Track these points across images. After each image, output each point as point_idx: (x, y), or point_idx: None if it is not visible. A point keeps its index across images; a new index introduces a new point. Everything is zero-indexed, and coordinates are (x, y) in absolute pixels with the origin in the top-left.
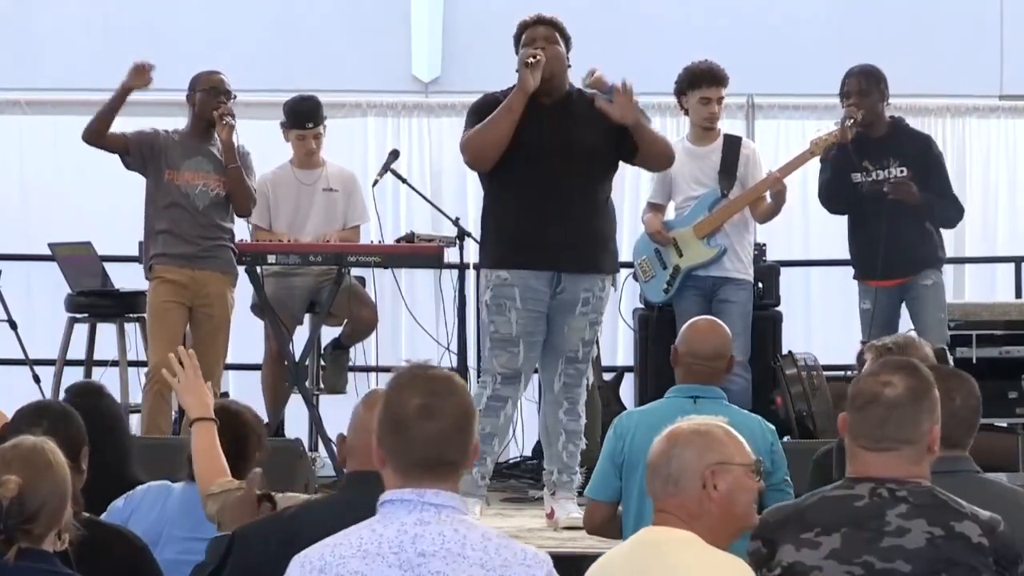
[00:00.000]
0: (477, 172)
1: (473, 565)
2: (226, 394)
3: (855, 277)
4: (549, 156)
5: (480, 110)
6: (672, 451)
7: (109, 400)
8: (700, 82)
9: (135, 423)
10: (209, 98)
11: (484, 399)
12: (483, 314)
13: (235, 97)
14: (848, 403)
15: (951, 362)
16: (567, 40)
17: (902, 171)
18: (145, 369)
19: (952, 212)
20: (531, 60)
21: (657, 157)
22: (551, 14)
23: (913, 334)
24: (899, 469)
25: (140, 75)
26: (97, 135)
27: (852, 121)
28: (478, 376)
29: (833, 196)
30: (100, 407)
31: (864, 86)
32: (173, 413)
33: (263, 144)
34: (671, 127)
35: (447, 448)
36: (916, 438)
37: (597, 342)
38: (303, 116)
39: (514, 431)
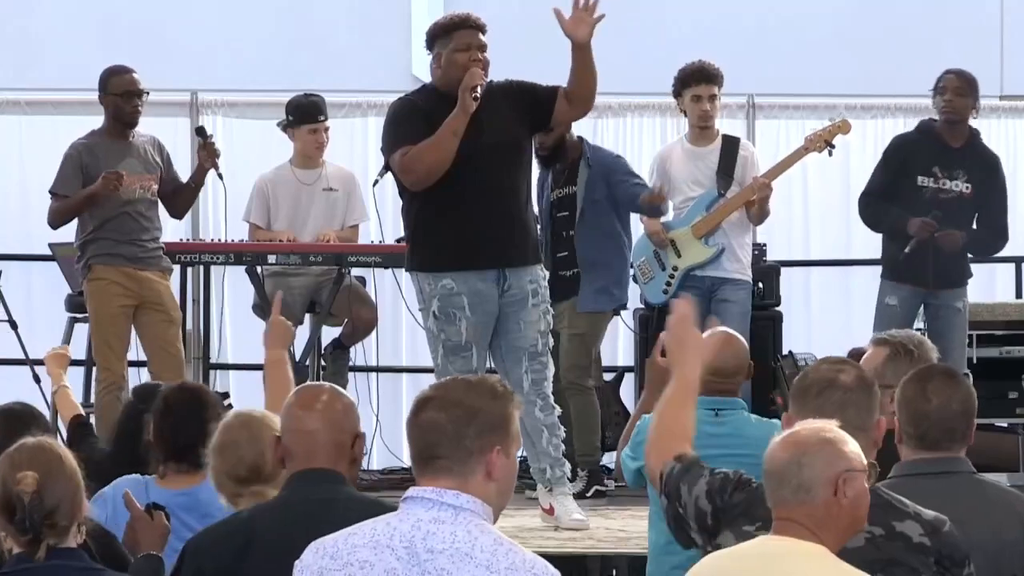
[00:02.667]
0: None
1: (479, 567)
2: (226, 395)
3: (884, 277)
4: (478, 154)
5: (403, 122)
6: (802, 459)
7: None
8: (691, 81)
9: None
10: (125, 102)
11: None
12: (429, 321)
13: (148, 94)
14: (799, 396)
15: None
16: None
17: (967, 188)
18: (148, 372)
19: (995, 243)
20: (475, 95)
21: (588, 89)
22: (476, 14)
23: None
24: None
25: (112, 187)
26: (61, 225)
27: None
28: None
29: (890, 196)
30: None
31: (961, 87)
32: None
33: (263, 144)
34: (671, 127)
35: (437, 442)
36: (868, 426)
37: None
38: (315, 109)
39: None
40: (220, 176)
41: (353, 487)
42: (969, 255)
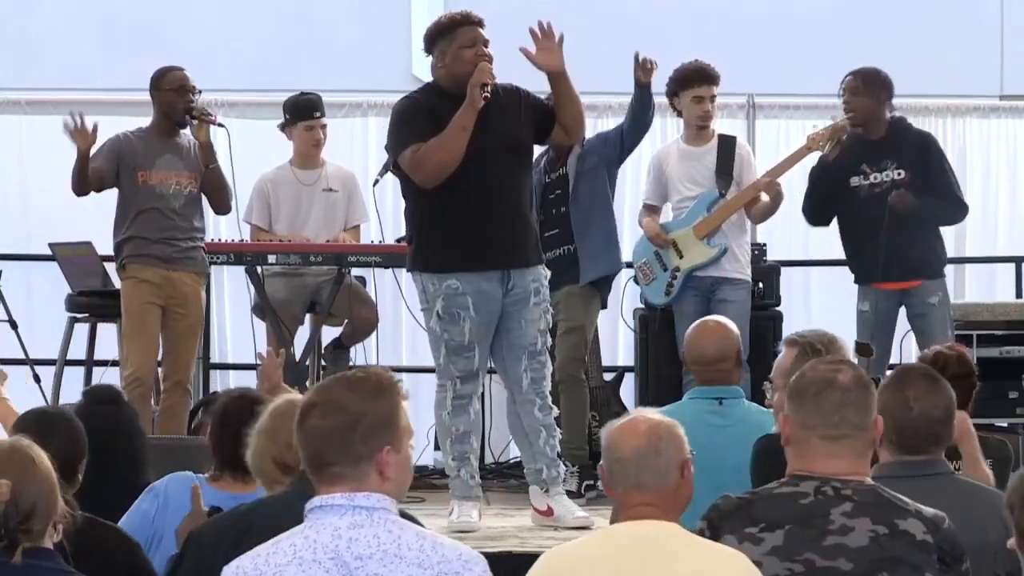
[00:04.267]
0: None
1: (411, 565)
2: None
3: (856, 281)
4: (482, 154)
5: (409, 120)
6: (659, 445)
7: (128, 408)
8: (691, 81)
9: None
10: (178, 97)
11: (449, 401)
12: (432, 322)
13: (200, 92)
14: (796, 396)
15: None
16: None
17: (900, 173)
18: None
19: (954, 211)
20: (486, 93)
21: (575, 117)
22: (479, 14)
23: (833, 333)
24: (847, 464)
25: (82, 136)
26: (84, 192)
27: (834, 142)
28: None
29: (819, 205)
30: (119, 415)
31: (856, 85)
32: (153, 414)
33: (263, 144)
34: (670, 127)
35: (325, 449)
36: (867, 425)
37: (597, 342)
38: (311, 106)
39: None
40: (220, 125)
41: None
42: (940, 242)
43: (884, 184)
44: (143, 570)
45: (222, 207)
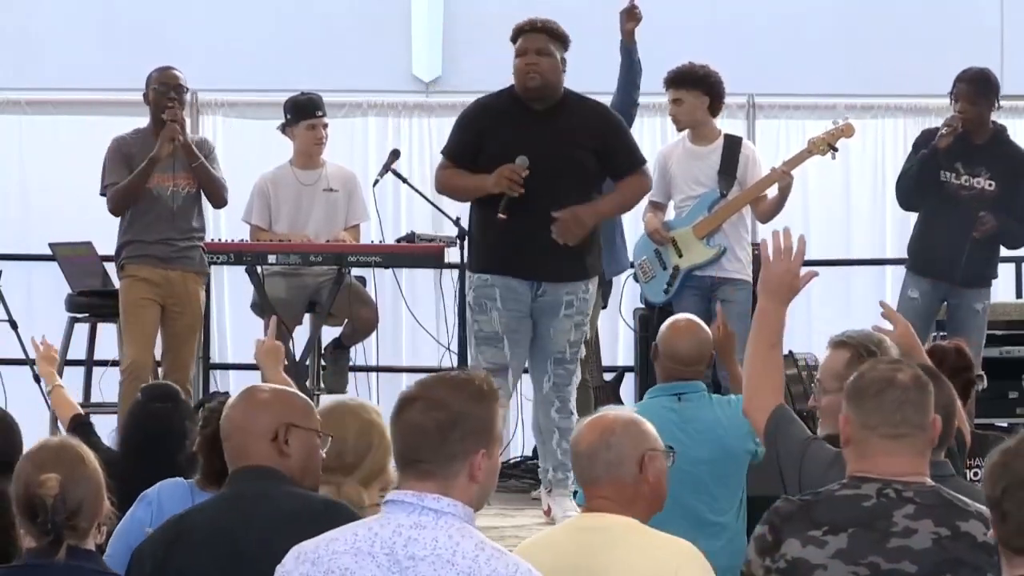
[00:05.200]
0: None
1: (460, 573)
2: (227, 395)
3: (908, 268)
4: (533, 171)
5: (457, 129)
6: (610, 439)
7: (183, 406)
8: (666, 85)
9: (113, 421)
10: (159, 96)
11: None
12: (468, 314)
13: (187, 91)
14: (855, 397)
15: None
16: (564, 40)
17: (991, 184)
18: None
19: (1021, 234)
20: (509, 191)
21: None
22: (544, 17)
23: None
24: (908, 462)
25: (168, 135)
26: (126, 206)
27: (950, 129)
28: None
29: (915, 188)
30: (174, 413)
31: (974, 94)
32: None
33: (263, 144)
34: (670, 127)
35: (420, 445)
36: (926, 424)
37: (597, 342)
38: (312, 105)
39: (512, 432)
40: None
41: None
42: (999, 252)
43: (973, 190)
44: None
45: (215, 200)
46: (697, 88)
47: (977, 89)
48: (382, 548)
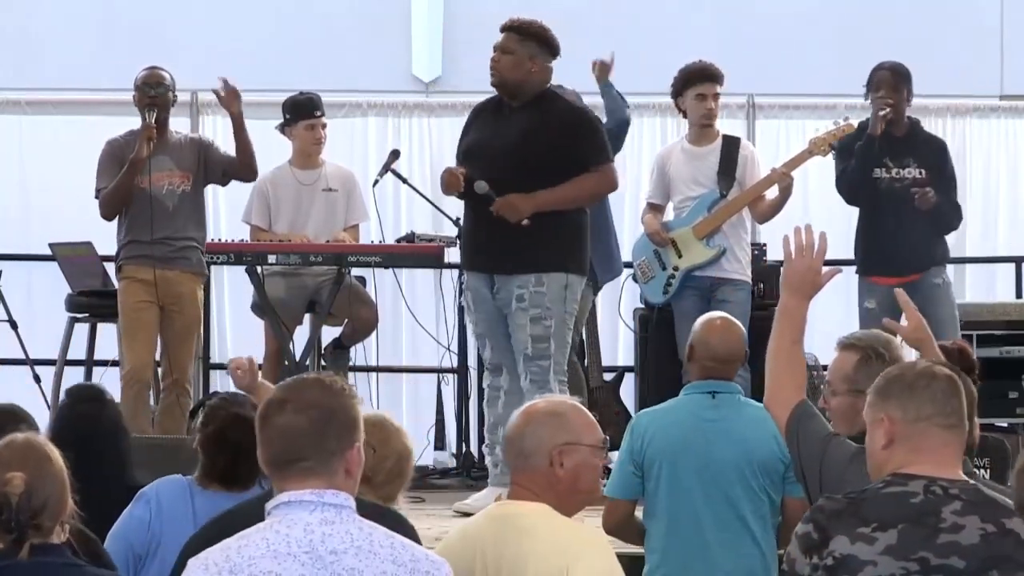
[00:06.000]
0: None
1: (384, 561)
2: (227, 394)
3: (859, 273)
4: (488, 159)
5: (464, 126)
6: (526, 429)
7: (111, 406)
8: (695, 80)
9: None
10: (141, 95)
11: (486, 390)
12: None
13: (171, 89)
14: (901, 392)
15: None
16: (539, 39)
17: (920, 172)
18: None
19: (954, 220)
20: (447, 194)
21: (586, 204)
22: (527, 18)
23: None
24: (956, 455)
25: (144, 136)
26: (115, 209)
27: (884, 113)
28: (479, 374)
29: (855, 186)
30: (102, 413)
31: (895, 81)
32: (152, 414)
33: (263, 144)
34: (671, 127)
35: (300, 445)
36: (966, 419)
37: (597, 343)
38: (311, 104)
39: None
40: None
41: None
42: (943, 237)
43: (905, 180)
44: None
45: (250, 173)
46: (720, 86)
47: (899, 79)
48: (300, 547)
